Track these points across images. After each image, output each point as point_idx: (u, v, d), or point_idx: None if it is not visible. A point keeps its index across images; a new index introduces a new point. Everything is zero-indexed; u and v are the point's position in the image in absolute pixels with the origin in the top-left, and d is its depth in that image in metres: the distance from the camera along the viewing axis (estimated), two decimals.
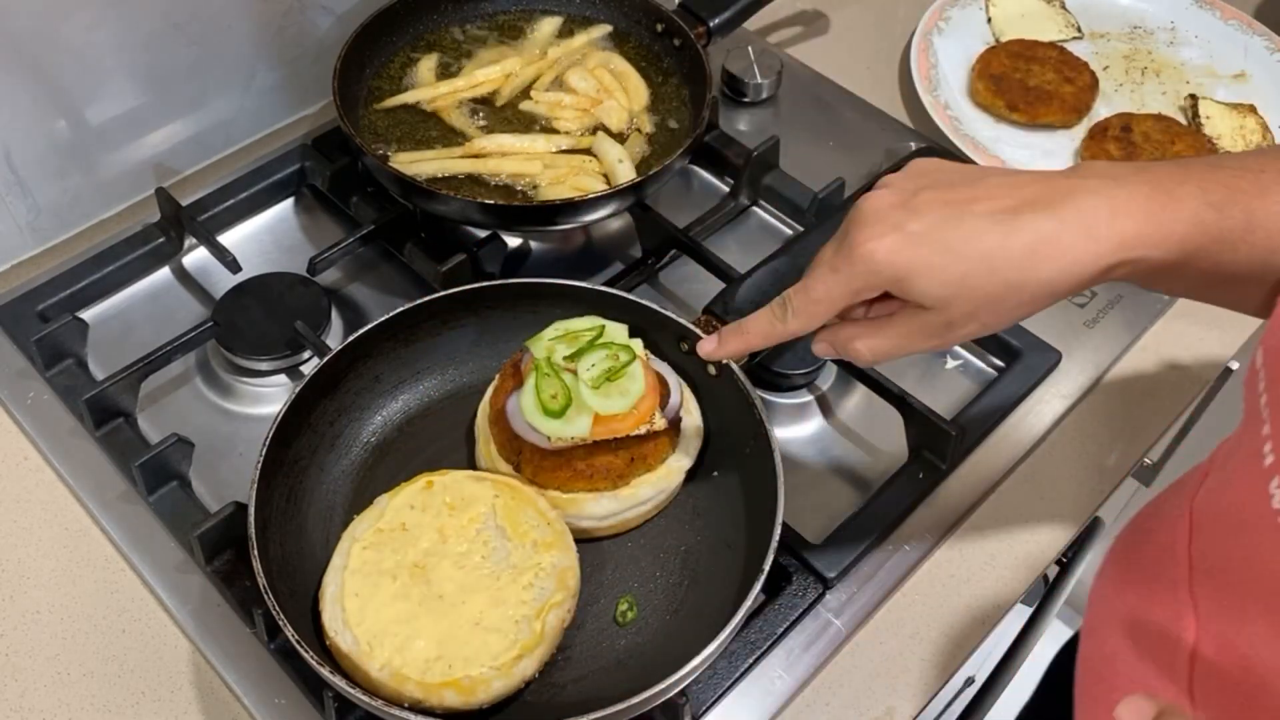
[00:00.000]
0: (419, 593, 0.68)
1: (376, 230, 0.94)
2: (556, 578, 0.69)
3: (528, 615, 0.67)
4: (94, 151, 0.95)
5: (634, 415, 0.73)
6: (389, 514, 0.71)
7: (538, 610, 0.68)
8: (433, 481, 0.73)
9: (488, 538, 0.71)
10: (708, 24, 1.04)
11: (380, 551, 0.70)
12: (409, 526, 0.71)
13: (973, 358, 0.93)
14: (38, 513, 0.81)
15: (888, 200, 0.59)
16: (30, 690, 0.73)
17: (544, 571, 0.69)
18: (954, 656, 0.77)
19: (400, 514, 0.71)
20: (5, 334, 0.89)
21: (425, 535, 0.71)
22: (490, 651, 0.66)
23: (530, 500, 0.73)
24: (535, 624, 0.67)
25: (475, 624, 0.67)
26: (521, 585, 0.69)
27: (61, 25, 0.87)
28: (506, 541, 0.71)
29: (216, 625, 0.75)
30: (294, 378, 0.89)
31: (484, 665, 0.65)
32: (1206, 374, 0.93)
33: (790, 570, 0.77)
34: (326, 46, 1.01)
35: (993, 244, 0.56)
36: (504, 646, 0.66)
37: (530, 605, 0.68)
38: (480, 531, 0.71)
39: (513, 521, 0.71)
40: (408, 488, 0.73)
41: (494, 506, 0.72)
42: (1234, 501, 0.57)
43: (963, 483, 0.84)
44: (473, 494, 0.73)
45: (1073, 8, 1.21)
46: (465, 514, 0.72)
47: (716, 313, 0.79)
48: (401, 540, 0.70)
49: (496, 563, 0.70)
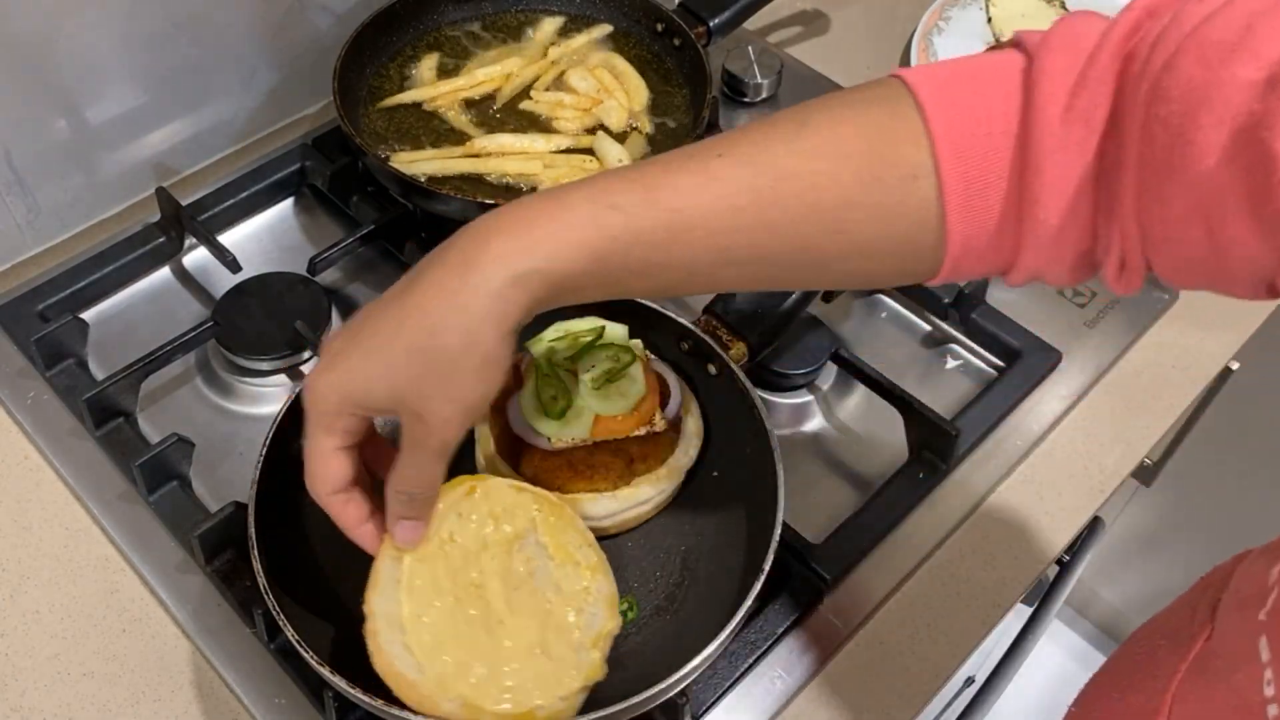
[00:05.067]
0: (479, 615, 0.63)
1: (376, 230, 0.94)
2: (605, 605, 0.66)
3: (583, 643, 0.64)
4: (94, 151, 0.95)
5: (634, 416, 0.73)
6: (435, 521, 0.65)
7: (594, 639, 0.65)
8: (475, 488, 0.67)
9: (530, 555, 0.66)
10: (708, 24, 1.04)
11: (434, 566, 0.63)
12: (456, 537, 0.65)
13: (973, 358, 0.93)
14: (38, 513, 0.81)
15: (334, 338, 0.58)
16: (30, 690, 0.73)
17: (592, 597, 0.66)
18: (954, 656, 0.77)
19: (446, 521, 0.65)
20: (5, 334, 0.89)
21: (474, 547, 0.65)
22: (560, 681, 0.62)
23: (571, 519, 0.69)
24: (594, 654, 0.64)
25: (539, 651, 0.63)
26: (574, 610, 0.65)
27: (61, 25, 0.86)
28: (549, 561, 0.66)
29: (216, 625, 0.75)
30: (294, 378, 0.89)
31: (555, 696, 0.62)
32: (1206, 374, 0.93)
33: (790, 570, 0.77)
34: (326, 46, 1.01)
35: (394, 322, 0.54)
36: (571, 676, 0.62)
37: (584, 632, 0.64)
38: (523, 547, 0.66)
39: (555, 540, 0.67)
40: (450, 492, 0.66)
41: (535, 521, 0.68)
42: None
43: (963, 483, 0.84)
44: (514, 505, 0.68)
45: (1073, 8, 1.21)
46: (508, 526, 0.67)
47: (716, 313, 0.79)
48: (452, 552, 0.64)
49: (541, 582, 0.65)
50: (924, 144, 0.51)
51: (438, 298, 0.53)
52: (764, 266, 0.55)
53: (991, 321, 0.92)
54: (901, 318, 0.96)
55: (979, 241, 0.53)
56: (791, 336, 0.85)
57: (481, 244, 0.53)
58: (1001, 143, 0.51)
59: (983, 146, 0.51)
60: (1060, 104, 0.49)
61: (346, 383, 0.56)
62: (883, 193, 0.52)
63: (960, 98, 0.52)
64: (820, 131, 0.53)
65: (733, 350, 0.78)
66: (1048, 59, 0.50)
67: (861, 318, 0.95)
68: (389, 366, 0.54)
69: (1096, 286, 0.96)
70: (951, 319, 0.93)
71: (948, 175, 0.51)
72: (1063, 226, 0.51)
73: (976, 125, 0.51)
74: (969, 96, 0.52)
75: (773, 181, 0.52)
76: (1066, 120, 0.49)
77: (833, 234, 0.53)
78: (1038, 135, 0.49)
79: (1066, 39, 0.50)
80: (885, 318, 0.96)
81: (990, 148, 0.51)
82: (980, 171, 0.51)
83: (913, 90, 0.52)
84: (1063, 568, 0.92)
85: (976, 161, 0.51)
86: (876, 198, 0.52)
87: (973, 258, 0.53)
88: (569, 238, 0.52)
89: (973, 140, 0.51)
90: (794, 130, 0.53)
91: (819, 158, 0.52)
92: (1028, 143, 0.50)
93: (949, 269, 0.54)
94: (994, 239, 0.52)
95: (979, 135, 0.51)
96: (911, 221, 0.52)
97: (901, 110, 0.52)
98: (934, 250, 0.53)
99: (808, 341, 0.88)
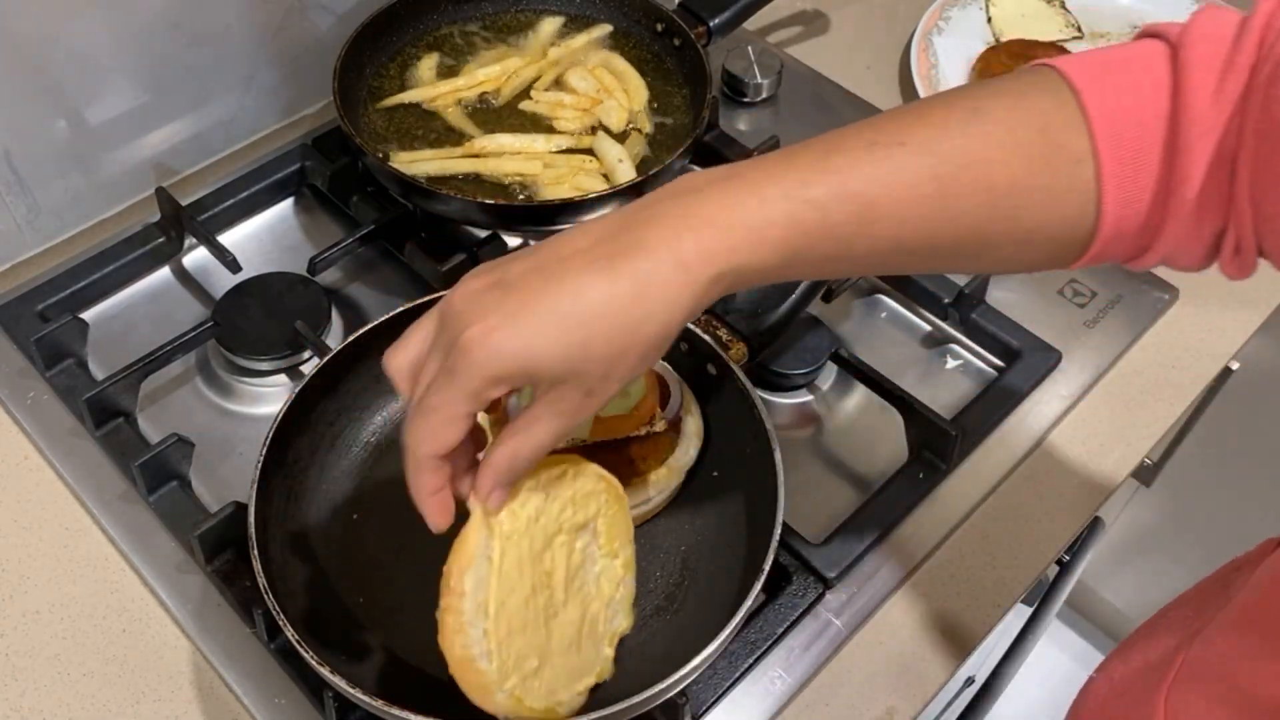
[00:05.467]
0: (544, 604, 0.60)
1: (376, 230, 0.94)
2: (627, 604, 0.65)
3: (601, 639, 0.63)
4: (94, 151, 0.95)
5: (634, 416, 0.73)
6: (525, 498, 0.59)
7: (610, 637, 0.64)
8: (568, 470, 0.63)
9: (585, 543, 0.63)
10: (708, 24, 1.04)
11: (519, 547, 0.59)
12: (541, 519, 0.60)
13: (973, 358, 0.93)
14: (38, 513, 0.81)
15: (477, 286, 0.53)
16: (30, 690, 0.73)
17: (620, 595, 0.64)
18: (954, 656, 0.77)
19: (533, 500, 0.60)
20: (5, 334, 0.89)
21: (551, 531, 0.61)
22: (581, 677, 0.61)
23: (627, 512, 0.66)
24: (608, 650, 0.63)
25: (574, 646, 0.61)
26: (604, 603, 0.63)
27: (61, 25, 0.86)
28: (598, 549, 0.64)
29: (216, 625, 0.75)
30: (294, 378, 0.89)
31: (574, 691, 0.60)
32: (1206, 374, 0.93)
33: (790, 570, 0.77)
34: (326, 46, 1.01)
35: (600, 299, 0.51)
36: (586, 672, 0.61)
37: (605, 628, 0.63)
38: (581, 535, 0.63)
39: (609, 531, 0.64)
40: (544, 471, 0.61)
41: (600, 510, 0.64)
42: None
43: (963, 483, 0.84)
44: (592, 492, 0.64)
45: (1073, 7, 1.21)
46: (581, 514, 0.63)
47: (716, 313, 0.79)
48: (535, 535, 0.60)
49: (588, 575, 0.63)
50: (1083, 130, 0.53)
51: (652, 287, 0.51)
52: (929, 255, 0.56)
53: (991, 321, 0.92)
54: (901, 318, 0.96)
55: (1129, 224, 0.55)
56: (791, 336, 0.85)
57: (692, 234, 0.51)
58: (1153, 128, 0.53)
59: (1136, 132, 0.53)
60: (1210, 89, 0.52)
61: (529, 349, 0.51)
62: (1052, 177, 0.54)
63: (1113, 85, 0.54)
64: (995, 118, 0.54)
65: (733, 350, 0.78)
66: (1194, 48, 0.52)
67: (861, 318, 0.95)
68: (585, 345, 0.51)
69: (1097, 286, 0.96)
70: (951, 319, 0.93)
71: (1106, 159, 0.53)
72: (1203, 205, 0.53)
73: (1130, 112, 0.53)
74: (1121, 84, 0.54)
75: (955, 170, 0.53)
76: (1216, 104, 0.52)
77: (1003, 220, 0.55)
78: (1188, 120, 0.52)
79: (1209, 29, 0.53)
80: (885, 318, 0.96)
81: (1143, 133, 0.53)
82: (1134, 155, 0.53)
83: (1068, 78, 0.54)
84: (1063, 568, 0.92)
85: (1131, 145, 0.53)
86: (1046, 182, 0.54)
87: (1118, 242, 0.56)
88: (769, 235, 0.52)
89: (1127, 125, 0.53)
90: (968, 117, 0.54)
91: (996, 145, 0.54)
92: (1178, 127, 0.52)
93: (1095, 252, 0.56)
94: (1142, 221, 0.55)
95: (1132, 121, 0.53)
96: (1074, 207, 0.54)
97: (1063, 97, 0.54)
98: (1087, 235, 0.55)
99: (808, 341, 0.88)
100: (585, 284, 0.51)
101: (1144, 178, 0.53)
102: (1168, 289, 0.97)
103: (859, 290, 0.97)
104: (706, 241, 0.51)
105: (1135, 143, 0.53)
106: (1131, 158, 0.53)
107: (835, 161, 0.53)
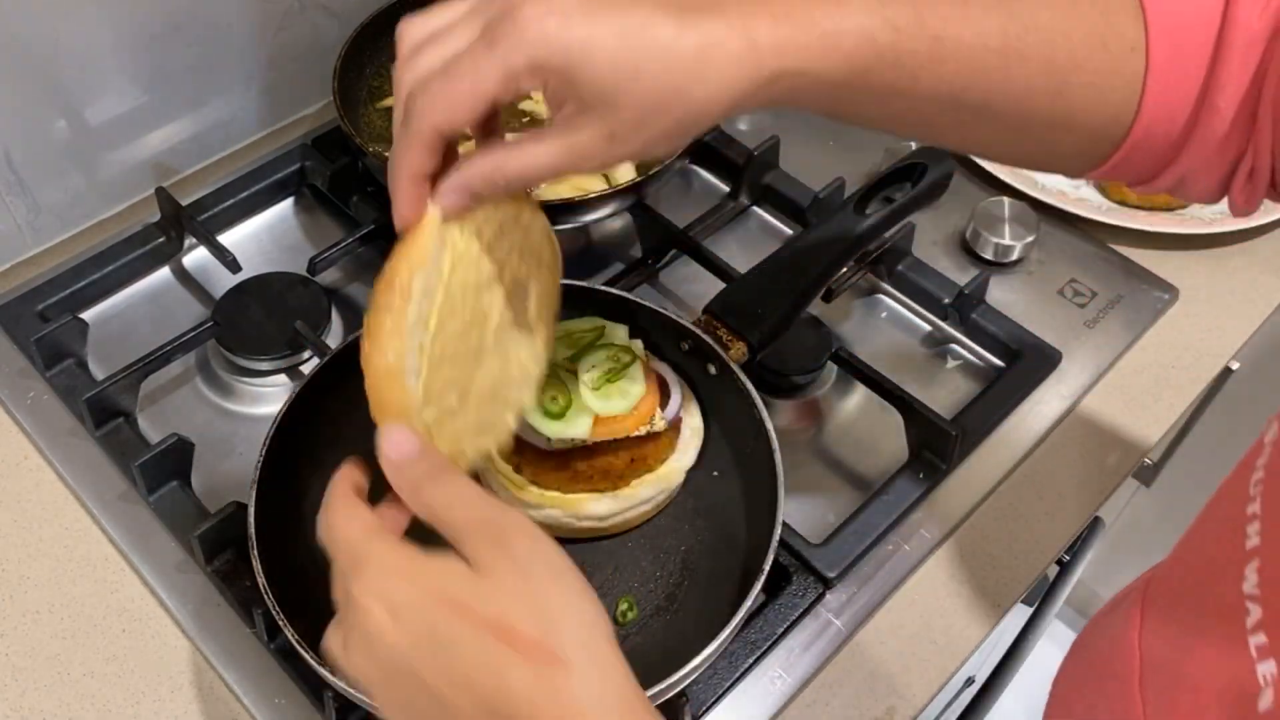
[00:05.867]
0: (475, 343, 0.56)
1: (376, 230, 0.94)
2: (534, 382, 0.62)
3: (509, 404, 0.60)
4: (94, 151, 0.95)
5: (634, 416, 0.73)
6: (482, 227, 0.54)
7: (515, 407, 0.60)
8: (525, 214, 0.58)
9: (519, 301, 0.59)
10: None
11: (468, 273, 0.54)
12: (491, 255, 0.56)
13: (972, 358, 0.93)
14: (38, 513, 0.81)
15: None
16: (30, 690, 0.73)
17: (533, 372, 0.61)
18: (954, 656, 0.77)
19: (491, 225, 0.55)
20: (5, 334, 0.89)
21: (496, 271, 0.57)
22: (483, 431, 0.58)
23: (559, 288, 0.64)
24: (509, 418, 0.59)
25: (486, 398, 0.58)
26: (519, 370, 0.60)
27: (61, 25, 0.86)
28: (526, 318, 0.60)
29: (216, 625, 0.75)
30: (294, 378, 0.89)
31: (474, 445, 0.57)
32: (1206, 374, 0.93)
33: (790, 570, 0.77)
34: (326, 46, 1.01)
35: (667, 36, 0.48)
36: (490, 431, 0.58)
37: (514, 393, 0.60)
38: (519, 293, 0.59)
39: (540, 301, 0.61)
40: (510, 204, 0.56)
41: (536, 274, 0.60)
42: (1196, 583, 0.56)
43: (963, 483, 0.84)
44: (537, 249, 0.60)
45: None
46: (524, 268, 0.59)
47: (716, 313, 0.79)
48: (484, 266, 0.55)
49: (512, 336, 0.59)
50: (1139, 19, 0.54)
51: (717, 53, 0.49)
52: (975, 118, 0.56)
53: (991, 321, 0.92)
54: (901, 318, 0.96)
55: (1159, 129, 0.56)
56: (791, 336, 0.85)
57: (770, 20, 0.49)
58: (1202, 31, 0.54)
59: (1187, 34, 0.54)
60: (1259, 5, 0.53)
61: (585, 43, 0.48)
62: (1106, 59, 0.55)
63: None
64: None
65: (733, 350, 0.78)
66: None
67: (861, 318, 0.95)
68: (635, 73, 0.48)
69: (1097, 286, 0.96)
70: (951, 319, 0.93)
71: (1155, 52, 0.54)
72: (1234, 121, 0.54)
73: (1183, 12, 0.54)
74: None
75: (1021, 30, 0.54)
76: (1261, 17, 0.53)
77: (1052, 95, 0.55)
78: (1235, 29, 0.53)
79: None
80: (885, 318, 0.96)
81: (1193, 35, 0.54)
82: (1181, 53, 0.55)
83: None
84: (1063, 568, 0.92)
85: (1180, 43, 0.54)
86: (1099, 64, 0.55)
87: (1147, 146, 0.57)
88: (842, 44, 0.50)
89: (1179, 24, 0.54)
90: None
91: (1060, 14, 0.55)
92: (1225, 33, 0.53)
93: (1123, 154, 0.57)
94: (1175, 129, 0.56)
95: (1185, 21, 0.54)
96: (1119, 95, 0.55)
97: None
98: (1121, 133, 0.56)
99: (808, 341, 0.88)
100: (655, 19, 0.48)
101: (1186, 81, 0.54)
102: (1168, 289, 0.97)
103: (859, 290, 0.97)
104: (782, 30, 0.50)
105: (1184, 42, 0.54)
106: (1178, 54, 0.54)
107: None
